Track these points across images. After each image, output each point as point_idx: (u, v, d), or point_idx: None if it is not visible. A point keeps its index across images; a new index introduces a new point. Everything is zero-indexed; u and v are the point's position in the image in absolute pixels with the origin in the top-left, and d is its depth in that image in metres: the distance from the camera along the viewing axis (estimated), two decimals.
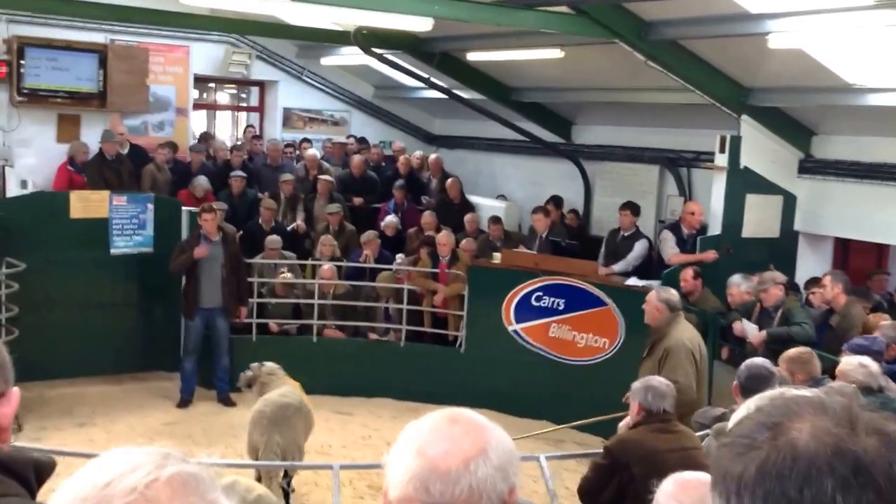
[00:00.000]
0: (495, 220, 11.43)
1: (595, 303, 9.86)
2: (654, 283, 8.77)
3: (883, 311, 8.14)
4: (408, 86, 13.47)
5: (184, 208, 10.96)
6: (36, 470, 1.63)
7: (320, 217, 11.92)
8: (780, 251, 9.61)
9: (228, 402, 10.09)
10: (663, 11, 8.41)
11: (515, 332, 10.30)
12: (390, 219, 11.99)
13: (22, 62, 11.75)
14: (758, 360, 5.26)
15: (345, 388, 10.48)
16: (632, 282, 9.71)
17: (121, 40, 12.51)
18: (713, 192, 9.70)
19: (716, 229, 9.63)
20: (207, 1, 9.85)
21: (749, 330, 8.10)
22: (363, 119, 14.71)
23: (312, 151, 13.15)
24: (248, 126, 14.49)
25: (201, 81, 14.03)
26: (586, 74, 11.08)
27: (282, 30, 12.33)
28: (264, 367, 7.69)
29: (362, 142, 14.04)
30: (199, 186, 11.68)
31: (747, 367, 5.11)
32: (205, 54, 13.33)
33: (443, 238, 10.90)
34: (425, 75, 12.09)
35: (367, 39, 11.06)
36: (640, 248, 10.16)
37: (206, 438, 9.17)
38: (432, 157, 13.52)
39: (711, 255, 9.39)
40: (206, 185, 11.76)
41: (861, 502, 1.05)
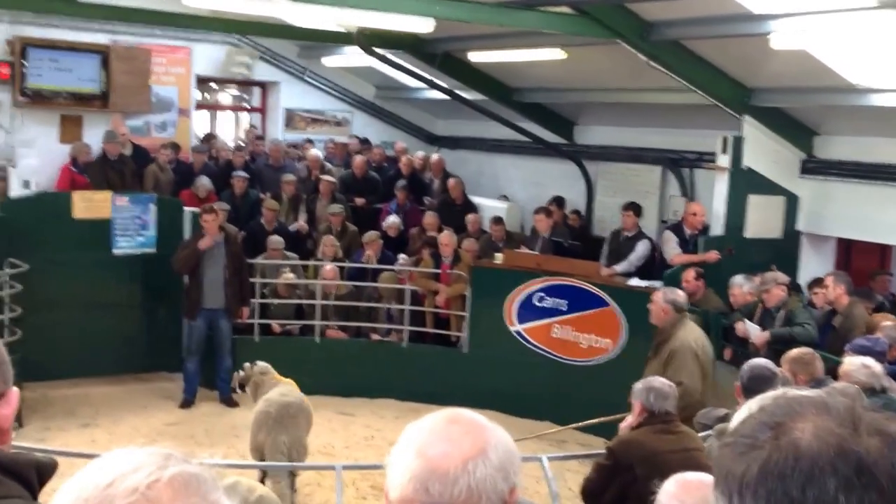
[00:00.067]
0: (497, 220, 11.43)
1: (597, 303, 9.85)
2: (656, 284, 8.77)
3: (886, 311, 8.13)
4: (410, 86, 13.47)
5: (186, 209, 10.98)
6: (38, 471, 1.62)
7: (322, 217, 11.91)
8: (783, 252, 9.60)
9: (231, 403, 10.07)
10: (665, 12, 8.41)
11: (518, 332, 10.30)
12: (392, 219, 11.98)
13: (24, 63, 11.75)
14: (760, 361, 5.26)
15: (347, 389, 10.48)
16: (634, 282, 9.71)
17: (123, 41, 12.50)
18: (715, 192, 9.70)
19: (718, 230, 9.63)
20: (209, 2, 9.85)
21: (751, 330, 8.09)
22: (365, 119, 14.71)
23: (315, 152, 13.16)
24: (251, 126, 14.49)
25: (203, 82, 14.04)
26: (588, 75, 11.08)
27: (284, 30, 12.32)
28: (256, 367, 7.66)
29: (364, 142, 14.04)
30: (202, 187, 11.70)
31: (750, 367, 5.11)
32: (207, 55, 13.33)
33: (445, 238, 10.89)
34: (427, 76, 12.10)
35: (369, 40, 11.07)
36: (642, 248, 10.15)
37: (209, 439, 9.18)
38: (434, 157, 13.51)
39: (714, 255, 9.38)
40: (209, 185, 11.78)
41: (864, 503, 1.04)
